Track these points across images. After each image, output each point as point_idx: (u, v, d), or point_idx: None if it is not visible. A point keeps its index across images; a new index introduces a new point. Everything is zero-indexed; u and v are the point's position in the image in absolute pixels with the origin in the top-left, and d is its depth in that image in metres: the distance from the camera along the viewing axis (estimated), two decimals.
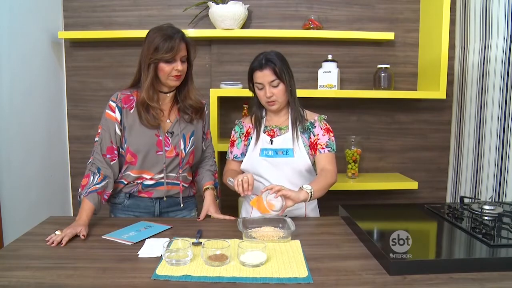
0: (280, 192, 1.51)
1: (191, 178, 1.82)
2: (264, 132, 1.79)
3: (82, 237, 1.42)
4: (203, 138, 1.83)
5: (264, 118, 1.82)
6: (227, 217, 1.68)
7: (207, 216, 1.70)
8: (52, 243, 1.36)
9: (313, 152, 1.76)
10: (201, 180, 1.82)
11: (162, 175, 1.69)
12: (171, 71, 1.60)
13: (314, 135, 1.76)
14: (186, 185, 1.78)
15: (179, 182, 1.74)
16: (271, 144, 1.75)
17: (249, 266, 1.20)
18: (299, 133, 1.75)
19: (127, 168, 1.69)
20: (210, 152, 1.90)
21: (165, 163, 1.68)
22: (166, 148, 1.68)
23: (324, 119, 1.81)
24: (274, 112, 1.79)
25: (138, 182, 1.70)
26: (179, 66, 1.60)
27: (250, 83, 1.76)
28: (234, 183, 1.60)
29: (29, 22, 2.25)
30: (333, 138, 1.78)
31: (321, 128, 1.77)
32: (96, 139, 1.67)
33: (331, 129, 1.80)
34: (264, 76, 1.67)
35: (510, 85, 2.07)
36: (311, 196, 1.57)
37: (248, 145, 1.81)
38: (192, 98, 1.72)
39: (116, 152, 1.67)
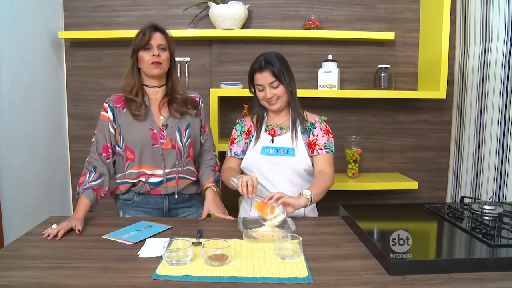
0: (281, 200, 1.50)
1: (195, 170, 1.85)
2: (265, 131, 1.80)
3: (78, 232, 1.46)
4: (200, 131, 1.86)
5: (266, 118, 1.83)
6: (228, 217, 1.68)
7: (208, 215, 1.71)
8: (48, 236, 1.41)
9: (311, 152, 1.76)
10: (201, 178, 1.85)
11: (166, 170, 1.73)
12: (149, 58, 1.67)
13: (314, 135, 1.77)
14: (194, 178, 1.82)
15: (184, 175, 1.78)
16: (272, 142, 1.76)
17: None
18: (299, 133, 1.76)
19: (128, 166, 1.74)
20: (209, 146, 1.92)
21: (162, 155, 1.71)
22: (162, 141, 1.72)
23: (325, 121, 1.82)
24: (275, 112, 1.80)
25: (143, 181, 1.74)
26: (155, 51, 1.67)
27: (251, 85, 1.77)
28: (238, 184, 1.58)
29: (29, 22, 2.25)
30: (332, 140, 1.78)
31: (321, 129, 1.78)
32: (93, 139, 1.75)
33: (330, 130, 1.80)
34: (264, 78, 1.69)
35: (510, 85, 2.07)
36: (311, 202, 1.57)
37: (249, 143, 1.81)
38: (180, 93, 1.77)
39: (110, 150, 1.74)
